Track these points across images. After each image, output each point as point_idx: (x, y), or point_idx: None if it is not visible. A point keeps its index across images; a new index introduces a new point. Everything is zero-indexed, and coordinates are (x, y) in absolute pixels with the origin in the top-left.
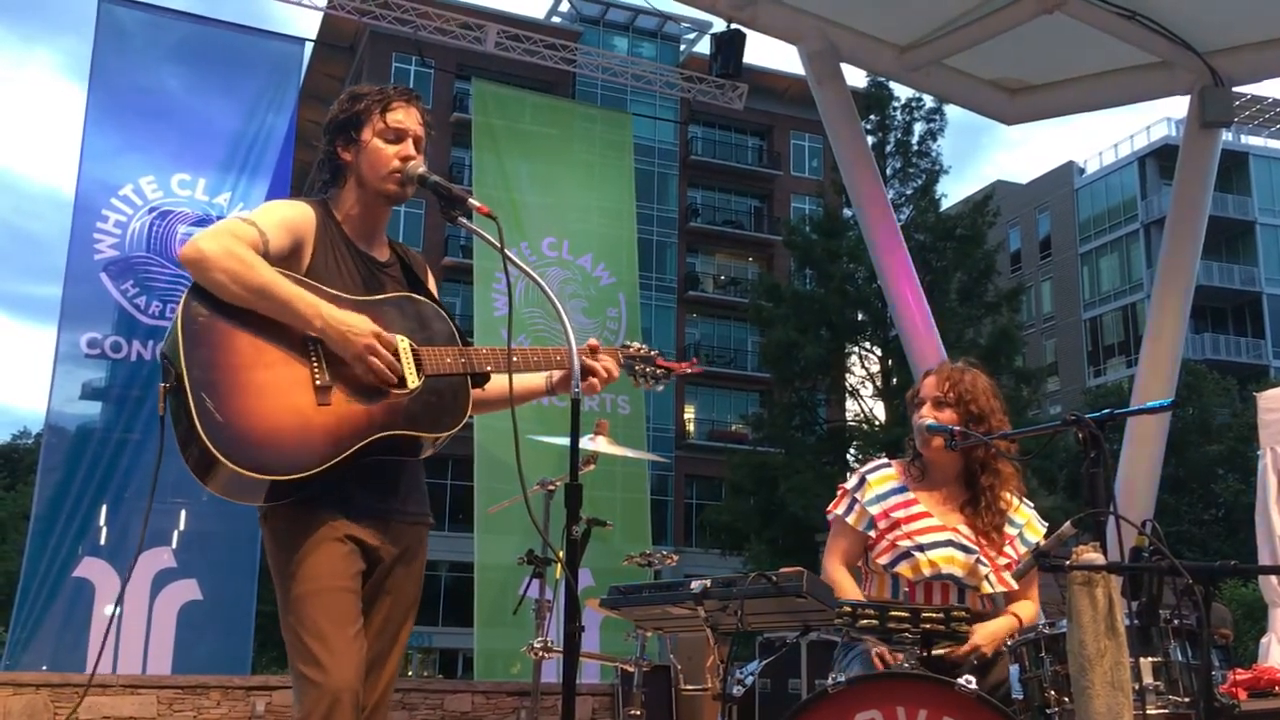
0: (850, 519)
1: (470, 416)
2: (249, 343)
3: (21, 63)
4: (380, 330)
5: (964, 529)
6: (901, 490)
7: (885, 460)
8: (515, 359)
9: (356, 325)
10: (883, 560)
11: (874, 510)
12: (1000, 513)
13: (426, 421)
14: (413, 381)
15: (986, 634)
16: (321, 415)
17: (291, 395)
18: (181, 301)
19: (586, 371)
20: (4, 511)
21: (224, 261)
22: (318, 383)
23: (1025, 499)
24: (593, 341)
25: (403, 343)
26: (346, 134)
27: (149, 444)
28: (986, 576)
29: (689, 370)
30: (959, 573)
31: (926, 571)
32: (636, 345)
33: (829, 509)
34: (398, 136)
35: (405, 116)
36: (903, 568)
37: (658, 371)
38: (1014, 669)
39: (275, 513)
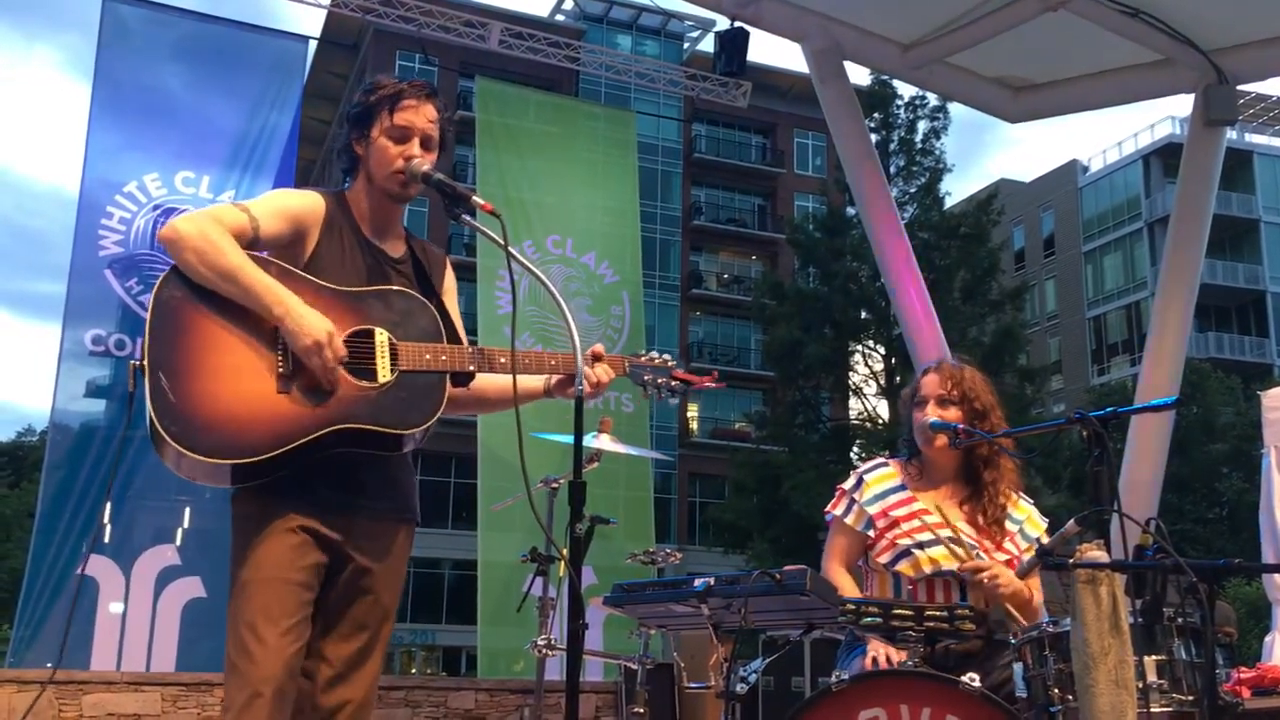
0: (849, 519)
1: (468, 415)
2: (217, 327)
3: (24, 59)
4: (334, 333)
5: (963, 526)
6: (900, 489)
7: (883, 460)
8: (503, 360)
9: (312, 322)
10: (883, 559)
11: (872, 510)
12: (1001, 507)
13: (392, 416)
14: (384, 376)
15: (1007, 575)
16: (279, 404)
17: (251, 381)
18: (158, 281)
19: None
20: (8, 509)
21: (195, 242)
22: (281, 371)
23: (1024, 495)
24: (597, 348)
25: (380, 336)
26: (360, 127)
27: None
28: None
29: (710, 385)
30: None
31: (927, 569)
32: (651, 354)
33: (827, 509)
34: (403, 136)
35: (415, 115)
36: (903, 566)
37: (673, 383)
38: (1018, 667)
39: (239, 499)
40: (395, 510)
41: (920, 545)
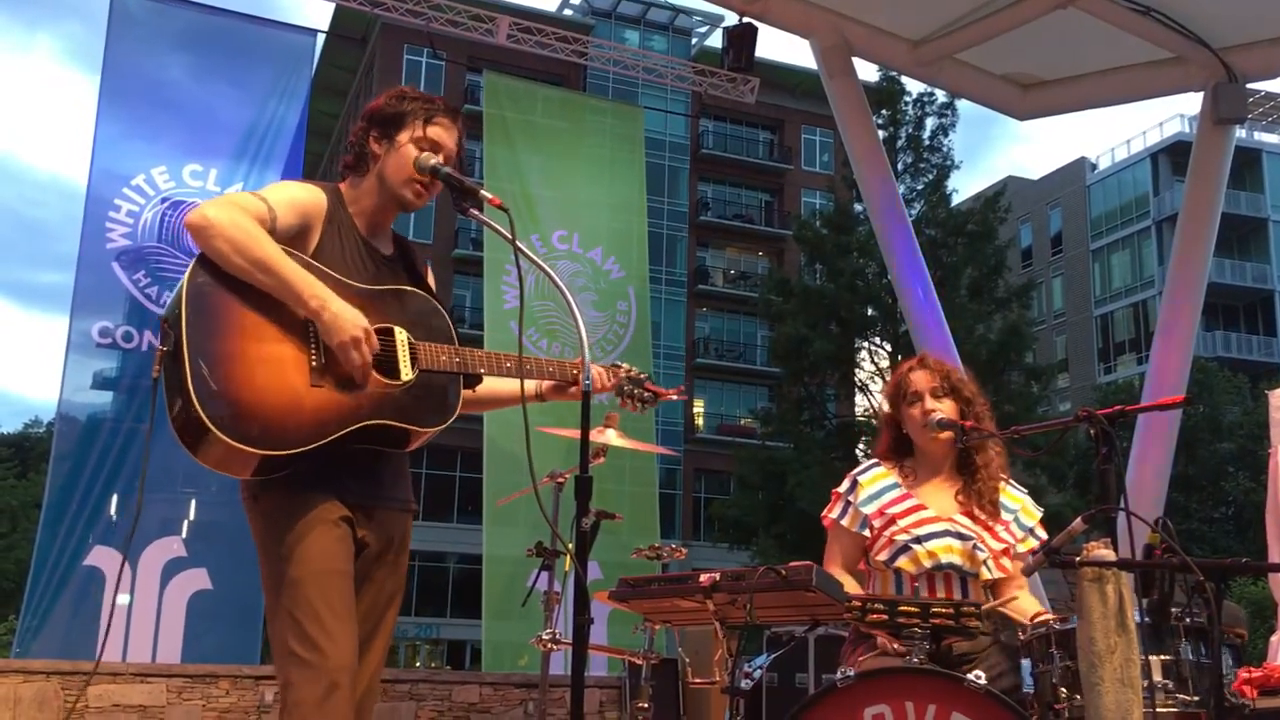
0: (845, 522)
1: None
2: (251, 316)
3: (25, 48)
4: (370, 328)
5: (960, 517)
6: (894, 487)
7: (875, 461)
8: (509, 365)
9: (349, 316)
10: (882, 557)
11: (868, 510)
12: (993, 490)
13: (414, 415)
14: (406, 374)
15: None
16: (313, 396)
17: (287, 373)
18: (189, 268)
19: (574, 382)
20: (15, 500)
21: (228, 230)
22: (314, 364)
23: (1014, 483)
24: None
25: (400, 334)
26: (385, 128)
27: (161, 434)
28: (985, 562)
29: (674, 397)
30: (958, 561)
31: (927, 563)
32: (627, 367)
33: (824, 514)
34: (432, 148)
35: (445, 133)
36: (903, 562)
37: (645, 394)
38: (1025, 664)
39: (267, 494)
40: (403, 501)
41: (918, 540)
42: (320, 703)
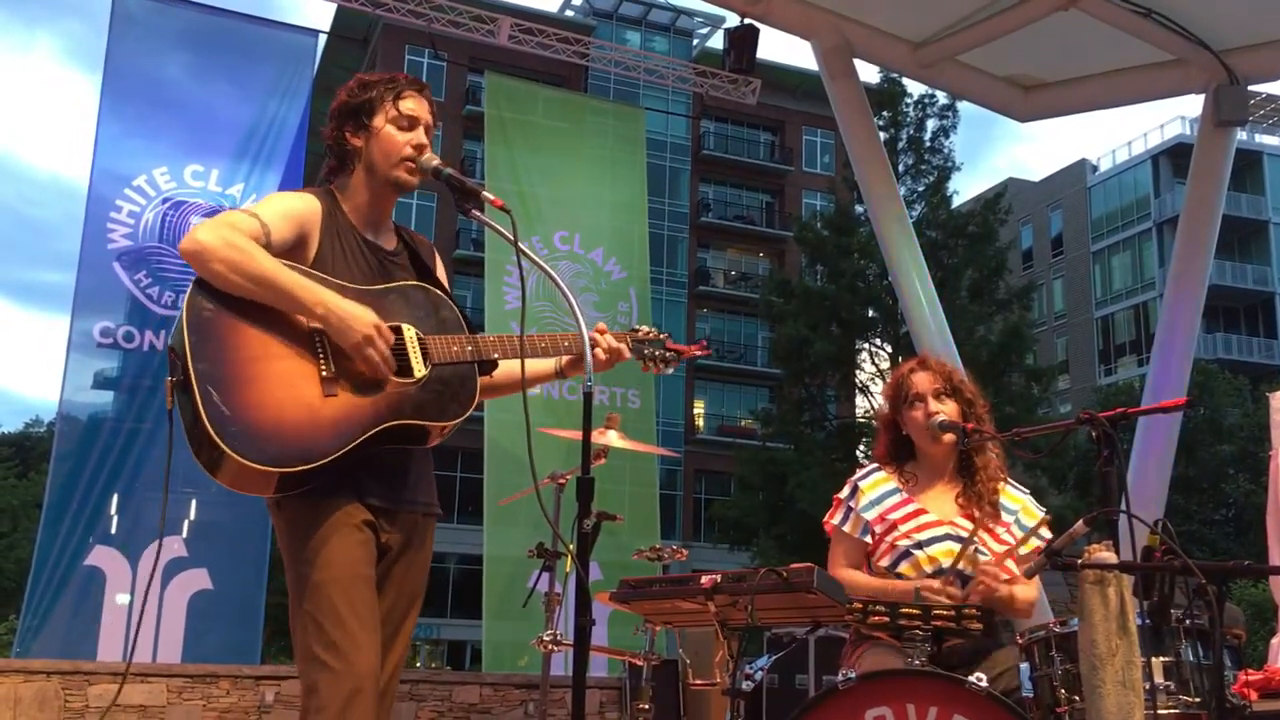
0: (846, 527)
1: (479, 403)
2: (255, 336)
3: (25, 48)
4: (381, 323)
5: (961, 520)
6: (895, 492)
7: (876, 465)
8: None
9: (358, 315)
10: (884, 563)
11: (869, 515)
12: (993, 490)
13: (434, 410)
14: (419, 370)
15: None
16: (328, 407)
17: (298, 387)
18: (187, 295)
19: (591, 346)
20: (16, 500)
21: (222, 252)
22: (324, 374)
23: (1014, 483)
24: (600, 325)
25: (409, 331)
26: (357, 119)
27: (160, 434)
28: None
29: (698, 353)
30: (960, 564)
31: (928, 568)
32: (645, 329)
33: (826, 520)
34: (410, 124)
35: (417, 105)
36: (904, 567)
37: (667, 354)
38: (1024, 667)
39: (290, 501)
40: (427, 504)
41: (919, 545)
42: (344, 708)
